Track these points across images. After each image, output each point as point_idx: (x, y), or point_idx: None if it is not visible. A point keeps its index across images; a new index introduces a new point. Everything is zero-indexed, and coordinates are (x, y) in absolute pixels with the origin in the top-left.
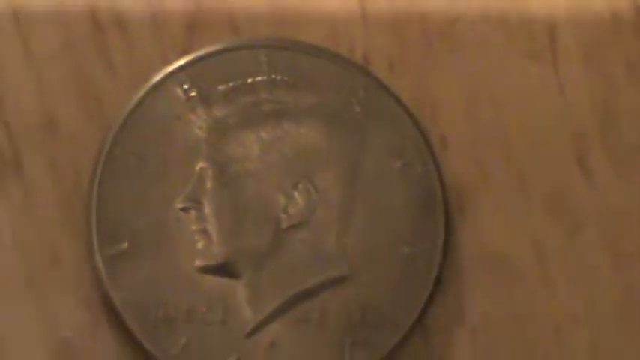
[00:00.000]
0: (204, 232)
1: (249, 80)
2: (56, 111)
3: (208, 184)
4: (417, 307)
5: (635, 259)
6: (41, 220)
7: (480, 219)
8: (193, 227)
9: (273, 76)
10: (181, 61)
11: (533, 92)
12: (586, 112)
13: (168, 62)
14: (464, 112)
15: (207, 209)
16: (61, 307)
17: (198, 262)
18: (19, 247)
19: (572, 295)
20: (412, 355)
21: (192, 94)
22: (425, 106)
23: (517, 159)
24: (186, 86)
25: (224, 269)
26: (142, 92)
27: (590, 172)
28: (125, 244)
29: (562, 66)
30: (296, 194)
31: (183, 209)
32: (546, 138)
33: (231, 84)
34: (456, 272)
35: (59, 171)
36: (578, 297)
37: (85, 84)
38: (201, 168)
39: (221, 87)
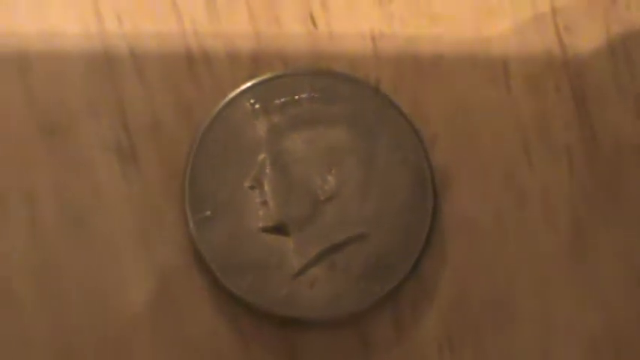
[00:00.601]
0: (265, 204)
1: (296, 97)
2: (162, 116)
3: (267, 170)
4: (413, 257)
5: (562, 223)
6: (150, 194)
7: (458, 194)
8: (257, 200)
9: (313, 94)
10: (249, 84)
11: (493, 105)
12: (529, 119)
13: (240, 84)
14: (446, 120)
15: (267, 187)
16: (164, 255)
17: (260, 224)
18: (135, 213)
19: (521, 248)
20: (410, 291)
21: (257, 106)
22: (419, 116)
23: (483, 151)
24: (252, 101)
25: (278, 229)
26: (221, 105)
27: (532, 161)
28: (209, 212)
29: (512, 88)
30: (329, 176)
31: (250, 187)
32: (502, 137)
33: (283, 99)
34: (441, 232)
35: (163, 159)
36: (525, 250)
37: (182, 98)
38: (262, 158)
39: (277, 102)
